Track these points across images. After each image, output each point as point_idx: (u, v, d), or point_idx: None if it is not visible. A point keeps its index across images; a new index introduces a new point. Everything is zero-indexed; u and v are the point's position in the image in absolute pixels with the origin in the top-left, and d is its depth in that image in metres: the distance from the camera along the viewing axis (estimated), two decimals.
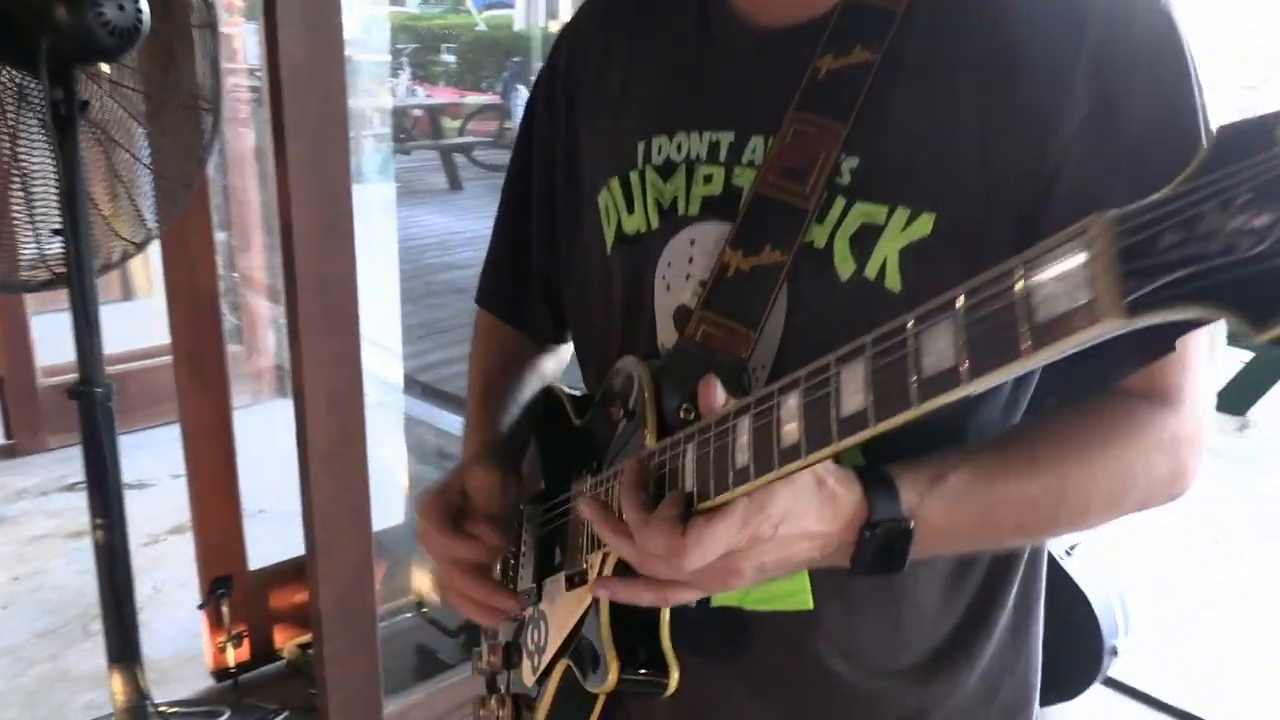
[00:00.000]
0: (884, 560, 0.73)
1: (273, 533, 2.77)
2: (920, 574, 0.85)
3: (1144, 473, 0.79)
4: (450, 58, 12.25)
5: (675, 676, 0.81)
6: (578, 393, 1.04)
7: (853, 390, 0.56)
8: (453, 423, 4.17)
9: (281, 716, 2.46)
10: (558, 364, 1.13)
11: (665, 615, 0.82)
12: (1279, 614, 3.22)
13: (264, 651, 2.72)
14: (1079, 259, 0.44)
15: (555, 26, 8.99)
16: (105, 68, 1.78)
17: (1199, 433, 0.80)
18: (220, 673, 2.66)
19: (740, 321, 0.82)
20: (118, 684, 1.98)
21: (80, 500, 3.35)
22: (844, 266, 0.80)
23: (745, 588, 0.73)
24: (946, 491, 0.74)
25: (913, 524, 0.72)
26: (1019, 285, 0.47)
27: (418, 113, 10.08)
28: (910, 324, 0.53)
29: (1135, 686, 2.82)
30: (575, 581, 0.89)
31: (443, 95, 11.13)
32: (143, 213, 1.92)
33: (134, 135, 1.91)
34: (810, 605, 0.83)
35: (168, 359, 2.58)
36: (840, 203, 0.80)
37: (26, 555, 3.39)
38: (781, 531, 0.69)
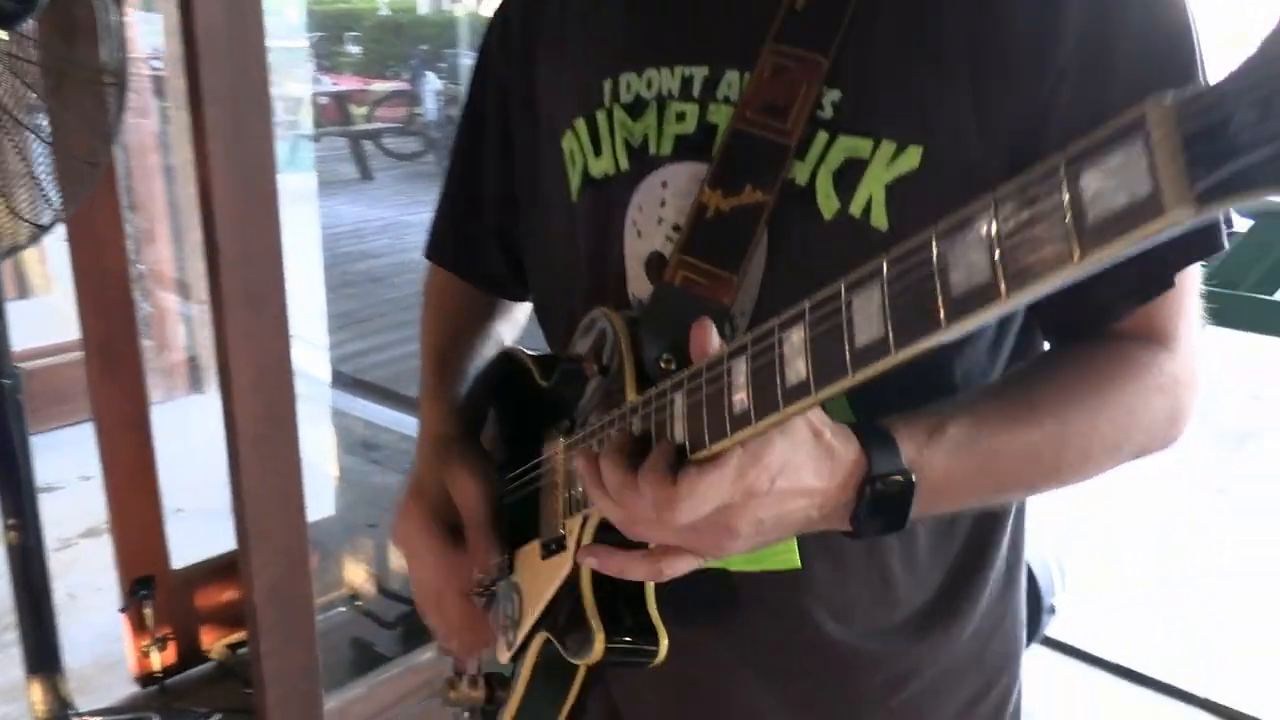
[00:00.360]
0: (885, 517, 0.69)
1: (193, 532, 2.65)
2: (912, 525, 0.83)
3: (1144, 416, 0.77)
4: (355, 48, 11.97)
5: (664, 644, 0.77)
6: (539, 353, 0.99)
7: (868, 317, 0.52)
8: (375, 412, 4.08)
9: (214, 719, 2.36)
10: (514, 325, 1.08)
11: None
12: (1254, 590, 3.30)
13: (191, 653, 2.60)
14: (1135, 148, 0.40)
15: (461, 11, 8.83)
16: (2, 36, 1.66)
17: (1195, 374, 0.79)
18: (145, 678, 2.54)
19: (721, 265, 0.77)
20: (37, 694, 1.88)
21: None
22: (827, 204, 0.76)
23: (740, 552, 0.69)
24: (946, 442, 0.71)
25: (914, 477, 0.69)
26: (1065, 183, 0.43)
27: (324, 100, 9.86)
28: (934, 238, 0.48)
29: (1128, 665, 2.88)
30: (553, 549, 0.84)
31: (349, 84, 10.88)
32: (47, 193, 1.80)
33: (35, 111, 1.79)
34: (798, 564, 0.79)
35: (72, 356, 2.45)
36: (823, 137, 0.76)
37: None
38: (779, 485, 0.65)
